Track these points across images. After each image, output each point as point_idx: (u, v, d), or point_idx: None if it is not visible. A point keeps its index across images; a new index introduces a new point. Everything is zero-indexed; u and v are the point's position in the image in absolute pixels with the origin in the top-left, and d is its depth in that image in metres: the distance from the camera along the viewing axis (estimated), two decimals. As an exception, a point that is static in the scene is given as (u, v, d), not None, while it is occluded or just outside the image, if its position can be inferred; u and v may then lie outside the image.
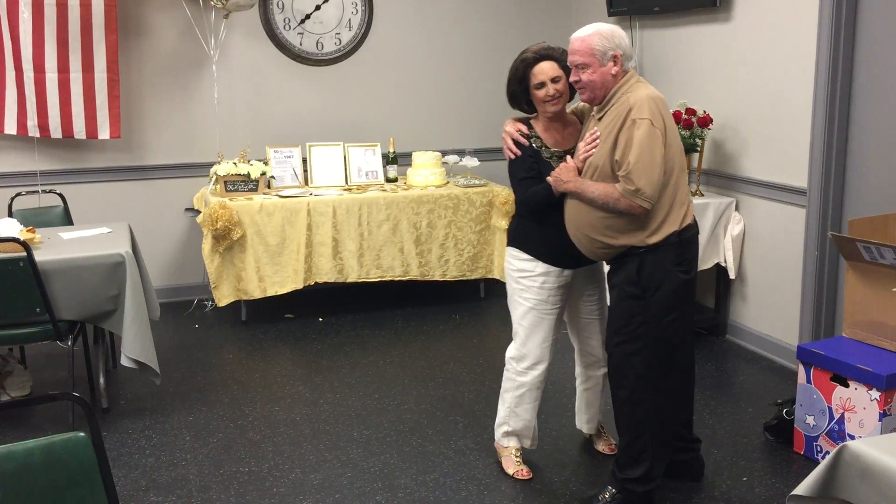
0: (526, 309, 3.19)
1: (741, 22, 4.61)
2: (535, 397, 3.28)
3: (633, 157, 2.75)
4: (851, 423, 3.28)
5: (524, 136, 3.14)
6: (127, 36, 5.37)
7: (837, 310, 4.16)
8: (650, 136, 2.75)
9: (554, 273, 3.15)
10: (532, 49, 3.12)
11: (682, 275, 2.90)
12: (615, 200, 2.81)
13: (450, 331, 5.14)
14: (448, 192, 5.41)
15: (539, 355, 3.22)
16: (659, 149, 2.77)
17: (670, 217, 2.86)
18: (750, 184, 4.61)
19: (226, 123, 5.62)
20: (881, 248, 3.27)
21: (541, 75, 3.06)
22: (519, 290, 3.20)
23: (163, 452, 3.60)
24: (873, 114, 3.94)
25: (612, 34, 2.89)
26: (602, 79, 2.88)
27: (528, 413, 3.30)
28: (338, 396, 4.16)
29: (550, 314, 3.19)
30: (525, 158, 3.13)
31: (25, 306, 3.61)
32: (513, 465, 3.35)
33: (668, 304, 2.88)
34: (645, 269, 2.87)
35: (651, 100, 2.81)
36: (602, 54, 2.86)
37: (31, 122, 5.14)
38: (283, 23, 5.70)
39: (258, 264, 5.09)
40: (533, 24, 6.16)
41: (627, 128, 2.78)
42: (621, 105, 2.84)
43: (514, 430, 3.34)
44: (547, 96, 3.07)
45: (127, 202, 5.52)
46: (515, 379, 3.27)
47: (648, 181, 2.75)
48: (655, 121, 2.78)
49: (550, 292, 3.16)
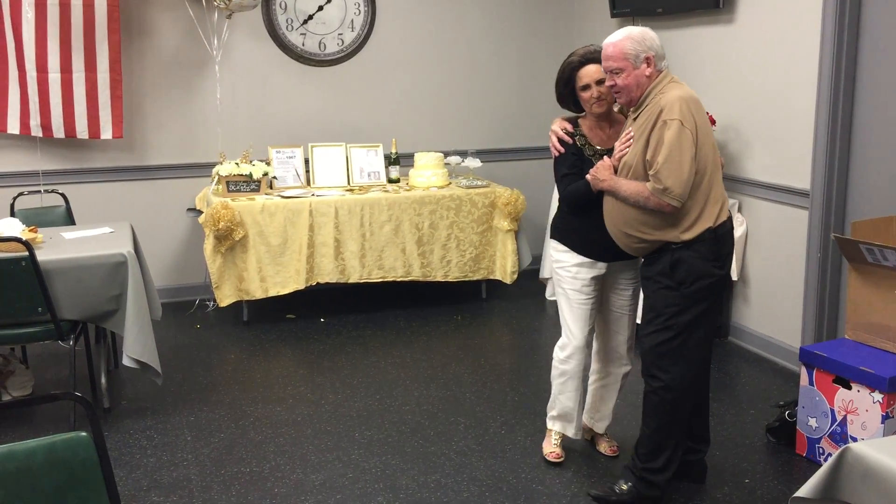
0: (564, 299, 3.33)
1: (744, 23, 4.60)
2: (575, 386, 3.37)
3: (662, 156, 2.82)
4: (854, 425, 3.27)
5: (569, 134, 3.26)
6: (130, 36, 5.38)
7: (840, 312, 4.15)
8: (679, 136, 2.81)
9: (587, 264, 3.25)
10: (578, 52, 3.22)
11: (716, 270, 2.95)
12: (645, 199, 2.88)
13: (452, 332, 5.14)
14: (450, 193, 5.41)
15: (578, 345, 3.32)
16: (689, 149, 2.82)
17: (705, 213, 2.91)
18: (752, 185, 4.61)
19: (228, 124, 5.62)
20: (884, 250, 3.26)
21: (586, 78, 3.17)
22: (558, 280, 3.35)
23: (164, 452, 3.59)
24: (876, 115, 3.93)
25: (642, 37, 2.95)
26: (637, 81, 2.95)
27: (570, 401, 3.38)
28: (339, 397, 4.16)
29: (585, 304, 3.28)
30: (568, 156, 3.24)
31: (27, 306, 3.62)
32: (549, 446, 3.49)
33: (701, 296, 2.94)
34: (680, 264, 2.92)
35: (682, 100, 2.86)
36: (635, 57, 2.93)
37: (33, 121, 5.14)
38: (286, 23, 5.71)
39: (260, 264, 5.09)
40: (536, 26, 6.16)
41: (658, 128, 2.85)
42: (654, 106, 2.90)
43: (558, 414, 3.45)
44: (592, 98, 3.18)
45: (129, 202, 5.52)
46: (558, 367, 3.40)
47: (677, 180, 2.81)
48: (686, 121, 2.83)
49: (584, 282, 3.26)
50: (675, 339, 2.96)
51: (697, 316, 2.95)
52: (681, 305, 2.93)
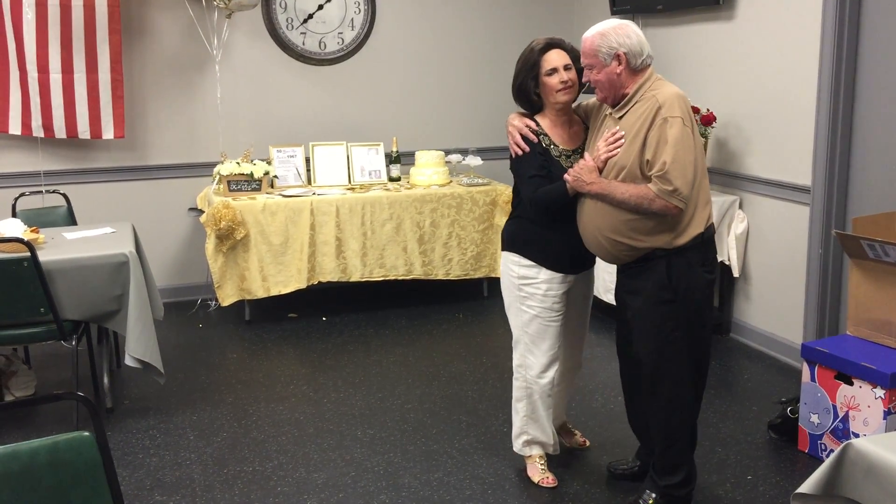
0: (530, 317, 3.10)
1: (744, 20, 4.60)
2: (548, 404, 3.20)
3: (670, 156, 2.67)
4: (856, 421, 3.27)
5: (533, 131, 3.04)
6: (130, 36, 5.38)
7: (842, 308, 4.15)
8: (683, 134, 2.69)
9: (558, 279, 3.07)
10: (541, 39, 3.04)
11: (707, 275, 2.88)
12: (650, 201, 2.71)
13: (453, 330, 5.14)
14: (451, 192, 5.41)
15: (546, 363, 3.14)
16: (692, 148, 2.72)
17: (696, 219, 2.81)
18: (754, 182, 4.60)
19: (229, 123, 5.62)
20: (885, 246, 3.26)
21: (553, 62, 2.98)
22: (521, 298, 3.10)
23: (167, 452, 3.60)
24: (877, 111, 3.93)
25: (615, 32, 2.79)
26: (607, 78, 2.82)
27: (545, 420, 3.21)
28: (341, 396, 4.16)
29: (555, 322, 3.11)
30: (534, 155, 3.01)
31: (29, 306, 3.62)
32: (538, 473, 3.26)
33: (698, 306, 2.85)
34: (674, 272, 2.80)
35: (680, 98, 2.75)
36: (605, 54, 2.79)
37: (35, 122, 5.14)
38: (286, 22, 5.70)
39: (261, 264, 5.10)
40: (536, 23, 6.16)
41: (658, 126, 2.70)
42: (648, 103, 2.76)
43: (534, 437, 3.24)
44: (560, 83, 2.97)
45: (130, 202, 5.52)
46: (525, 388, 3.19)
47: (684, 181, 2.68)
48: (686, 120, 2.72)
49: (555, 299, 3.08)
50: (677, 355, 2.86)
51: (693, 326, 2.86)
52: (678, 319, 2.83)
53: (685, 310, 2.84)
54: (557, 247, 3.04)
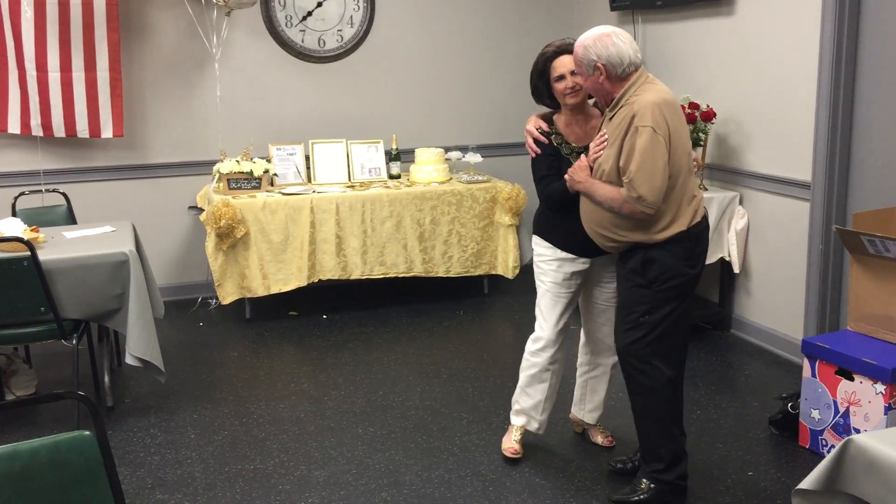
0: (543, 291, 3.32)
1: (744, 16, 4.60)
2: (544, 379, 3.35)
3: (635, 165, 2.79)
4: (857, 416, 3.27)
5: (544, 133, 3.22)
6: (129, 34, 5.37)
7: (842, 303, 4.15)
8: (652, 143, 2.78)
9: (569, 260, 3.24)
10: (554, 44, 3.20)
11: (688, 269, 2.94)
12: (619, 205, 2.87)
13: (454, 327, 5.14)
14: (451, 189, 5.41)
15: (551, 338, 3.31)
16: (661, 156, 2.79)
17: (679, 216, 2.91)
18: (754, 178, 4.60)
19: (228, 121, 5.62)
20: (886, 242, 3.26)
21: (560, 68, 3.13)
22: (539, 274, 3.34)
23: (168, 450, 3.60)
24: (877, 107, 3.93)
25: (594, 44, 2.89)
26: (593, 86, 2.97)
27: (538, 393, 3.37)
28: (342, 393, 4.16)
29: (564, 297, 3.28)
30: (545, 157, 3.21)
31: (30, 305, 3.62)
32: (509, 441, 3.46)
33: (671, 295, 2.93)
34: (652, 263, 2.92)
35: (655, 105, 2.81)
36: (587, 65, 2.92)
37: (34, 121, 5.14)
38: (285, 20, 5.70)
39: (262, 262, 5.09)
40: (535, 20, 6.15)
41: (631, 135, 2.81)
42: (628, 109, 2.86)
43: (522, 408, 3.42)
44: (566, 88, 3.13)
45: (130, 201, 5.52)
46: (529, 359, 3.38)
47: (650, 189, 2.79)
48: (658, 127, 2.79)
49: (566, 276, 3.25)
50: (647, 337, 2.96)
51: (668, 314, 2.94)
52: (651, 304, 2.93)
53: (659, 297, 2.93)
54: (569, 233, 3.20)
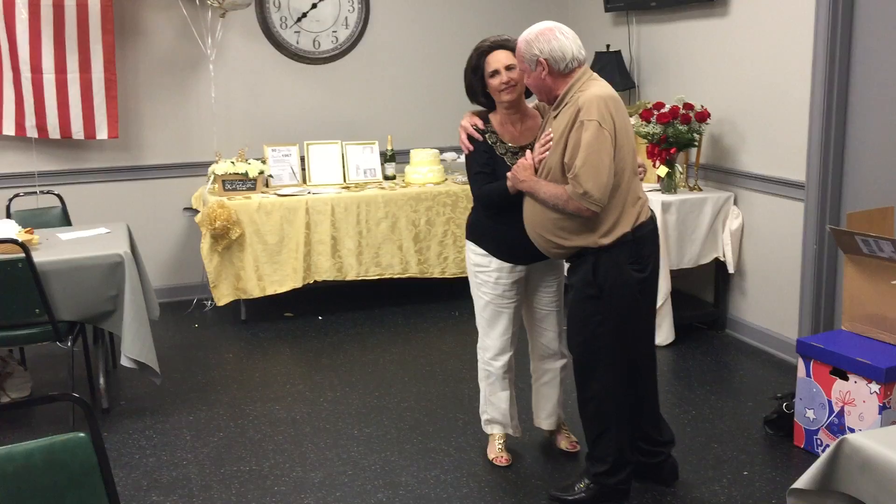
0: (484, 303, 3.25)
1: (738, 16, 4.61)
2: (504, 386, 3.34)
3: (580, 160, 2.73)
4: (851, 416, 3.28)
5: (479, 130, 3.15)
6: (123, 36, 5.37)
7: (836, 303, 4.16)
8: (598, 138, 2.72)
9: (507, 269, 3.17)
10: (489, 39, 3.12)
11: (636, 273, 2.89)
12: (564, 202, 2.81)
13: (449, 328, 5.14)
14: (446, 190, 5.41)
15: (500, 347, 3.28)
16: (607, 151, 2.74)
17: (623, 218, 2.85)
18: (748, 178, 4.61)
19: (223, 122, 5.61)
20: (879, 241, 3.27)
21: (495, 63, 3.06)
22: (477, 284, 3.25)
23: (163, 452, 3.60)
24: (871, 107, 3.94)
25: (536, 39, 2.86)
26: (536, 82, 2.92)
27: (502, 402, 3.35)
28: (338, 395, 4.16)
29: (507, 308, 3.23)
30: (479, 153, 3.13)
31: (25, 307, 3.61)
32: (493, 451, 3.43)
33: (624, 302, 2.90)
34: (600, 269, 2.87)
35: (601, 99, 2.77)
36: (529, 60, 2.88)
37: (28, 122, 5.13)
38: (280, 21, 5.70)
39: (257, 263, 5.09)
40: (529, 21, 6.06)
41: (576, 129, 2.76)
42: (572, 105, 2.81)
43: (492, 417, 3.40)
44: (501, 84, 3.05)
45: (125, 202, 5.51)
46: (484, 369, 3.36)
47: (596, 184, 2.73)
48: (604, 122, 2.74)
49: (505, 287, 3.19)
50: (602, 350, 2.93)
51: (621, 321, 2.91)
52: (603, 314, 2.89)
53: (611, 306, 2.89)
54: (505, 239, 3.14)
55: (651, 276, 2.97)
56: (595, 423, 3.03)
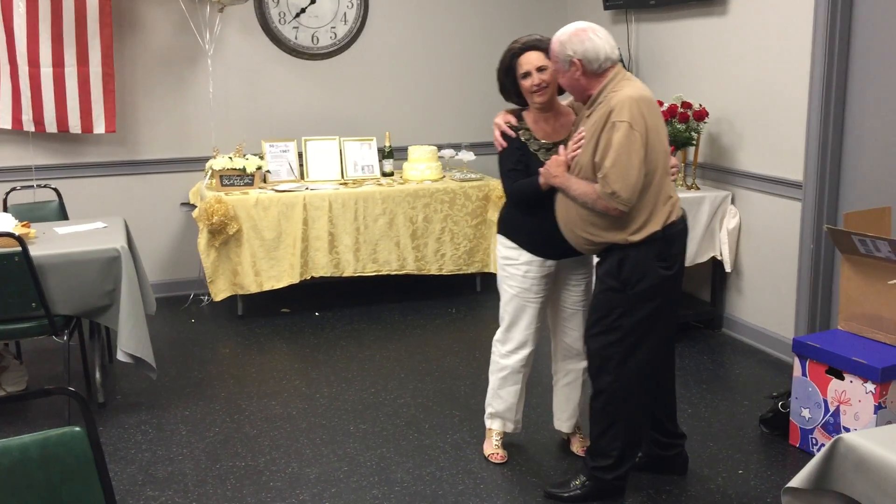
0: (510, 296, 3.26)
1: (737, 16, 4.61)
2: (516, 381, 3.34)
3: (610, 160, 2.76)
4: (847, 415, 3.29)
5: (512, 127, 3.17)
6: (121, 30, 5.36)
7: (833, 303, 4.17)
8: (628, 139, 2.75)
9: (537, 262, 3.18)
10: (521, 40, 3.13)
11: (663, 270, 2.91)
12: (593, 201, 2.85)
13: (446, 325, 5.14)
14: (444, 187, 5.41)
15: (521, 340, 3.28)
16: (637, 152, 2.77)
17: (654, 217, 2.88)
18: (745, 177, 4.61)
19: (221, 118, 5.60)
20: (876, 241, 3.27)
21: (526, 65, 3.07)
22: (505, 277, 3.27)
23: (159, 447, 3.59)
24: (868, 107, 3.94)
25: (570, 40, 2.87)
26: (570, 82, 2.94)
27: (510, 396, 3.35)
28: (334, 391, 4.16)
29: (534, 302, 3.23)
30: (512, 150, 3.16)
31: (21, 301, 3.61)
32: (490, 447, 3.43)
33: (647, 297, 2.90)
34: (626, 264, 2.89)
35: (633, 100, 2.79)
36: (563, 60, 2.90)
37: (25, 116, 5.12)
38: (278, 17, 5.69)
39: (254, 259, 5.09)
40: (528, 18, 6.15)
41: (608, 130, 2.79)
42: (605, 105, 2.84)
43: (496, 411, 3.40)
44: (532, 86, 3.07)
45: (122, 197, 5.51)
46: (499, 361, 3.36)
47: (624, 185, 2.76)
48: (635, 123, 2.76)
49: (534, 281, 3.20)
50: (620, 343, 2.93)
51: (644, 318, 2.91)
52: (626, 307, 2.90)
53: (634, 300, 2.90)
54: (537, 232, 3.16)
55: (677, 274, 2.99)
56: (604, 415, 3.02)
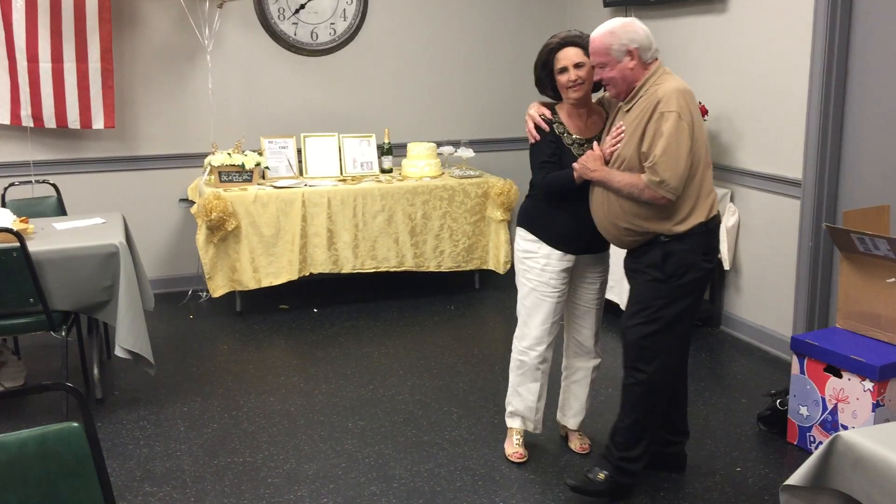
0: (528, 290, 3.25)
1: (737, 13, 4.60)
2: (535, 378, 3.31)
3: (660, 148, 2.79)
4: (845, 413, 3.29)
5: (546, 120, 3.17)
6: (121, 26, 5.35)
7: (831, 301, 4.17)
8: (677, 128, 2.79)
9: (556, 256, 3.18)
10: (559, 35, 3.15)
11: (706, 264, 2.96)
12: (640, 190, 2.86)
13: (445, 322, 5.14)
14: (443, 184, 5.41)
15: (538, 336, 3.26)
16: (685, 142, 2.81)
17: (697, 208, 2.91)
18: (745, 175, 4.61)
19: (220, 114, 5.60)
20: (875, 240, 3.27)
21: (564, 60, 3.09)
22: (523, 271, 3.26)
23: (157, 443, 3.59)
24: (868, 105, 3.94)
25: (623, 30, 2.90)
26: (621, 74, 2.92)
27: (530, 394, 3.32)
28: (332, 387, 4.16)
29: (551, 297, 3.21)
30: (546, 143, 3.16)
31: (19, 297, 3.60)
32: (511, 446, 3.42)
33: (689, 290, 2.95)
34: (671, 257, 2.92)
35: (679, 92, 2.84)
36: (616, 51, 2.89)
37: (24, 111, 5.11)
38: (278, 12, 5.68)
39: (253, 255, 5.08)
40: (529, 15, 6.15)
41: (655, 120, 2.82)
42: (650, 97, 2.87)
43: (516, 409, 3.37)
44: (569, 81, 3.08)
45: (121, 192, 5.50)
46: (517, 358, 3.33)
47: (673, 173, 2.80)
48: (683, 114, 2.81)
49: (552, 275, 3.19)
50: (659, 332, 2.96)
51: (683, 309, 2.96)
52: (668, 298, 2.93)
53: (677, 292, 2.93)
54: (559, 226, 3.18)
55: (714, 269, 3.03)
56: (638, 406, 3.02)
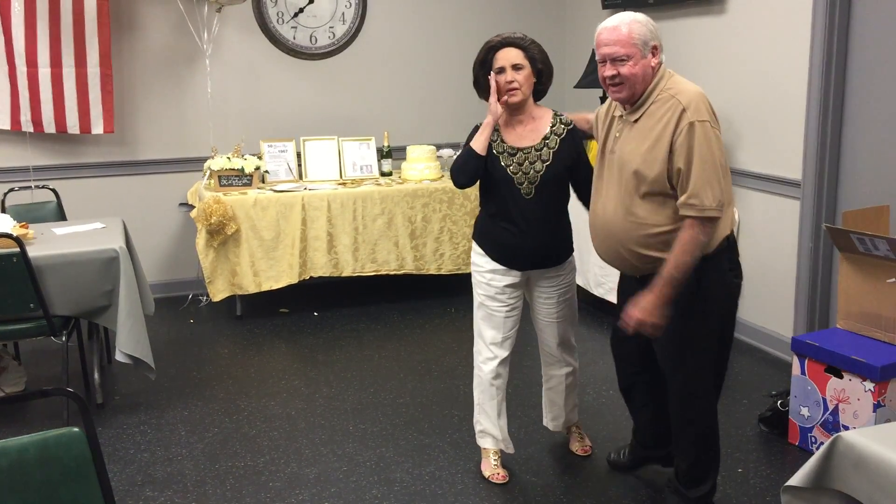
0: (477, 303, 3.19)
1: (735, 14, 4.61)
2: (492, 395, 3.20)
3: (696, 173, 2.50)
4: (846, 413, 3.29)
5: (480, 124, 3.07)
6: (120, 30, 5.35)
7: (832, 301, 4.17)
8: (712, 140, 2.52)
9: (500, 271, 3.10)
10: (502, 35, 3.04)
11: (735, 279, 2.77)
12: (701, 243, 2.55)
13: (445, 324, 5.14)
14: (443, 186, 5.41)
15: (489, 350, 3.18)
16: (720, 151, 2.55)
17: (723, 220, 2.64)
18: (744, 176, 4.61)
19: (219, 118, 5.60)
20: (875, 240, 3.27)
21: (502, 60, 2.98)
22: (474, 283, 3.20)
23: (158, 447, 3.59)
24: (867, 106, 3.94)
25: (649, 22, 2.60)
26: (643, 71, 2.58)
27: (492, 410, 3.22)
28: (333, 391, 4.16)
29: (499, 312, 3.13)
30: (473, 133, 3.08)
31: (19, 302, 3.60)
32: (489, 468, 3.27)
33: (724, 311, 2.76)
34: (705, 279, 2.64)
35: (701, 96, 2.57)
36: (644, 44, 2.57)
37: (23, 116, 5.12)
38: (277, 16, 5.69)
39: (253, 259, 5.08)
40: (527, 17, 6.15)
41: (686, 132, 2.51)
42: (669, 105, 2.56)
43: (484, 428, 3.27)
44: (505, 83, 2.96)
45: (120, 197, 5.50)
46: (476, 373, 3.25)
47: (715, 192, 2.52)
48: (712, 121, 2.56)
49: (498, 290, 3.11)
50: (708, 365, 2.75)
51: (722, 334, 2.78)
52: (710, 329, 2.72)
53: (716, 320, 2.73)
54: (502, 241, 3.08)
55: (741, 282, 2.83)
56: (698, 446, 2.84)
